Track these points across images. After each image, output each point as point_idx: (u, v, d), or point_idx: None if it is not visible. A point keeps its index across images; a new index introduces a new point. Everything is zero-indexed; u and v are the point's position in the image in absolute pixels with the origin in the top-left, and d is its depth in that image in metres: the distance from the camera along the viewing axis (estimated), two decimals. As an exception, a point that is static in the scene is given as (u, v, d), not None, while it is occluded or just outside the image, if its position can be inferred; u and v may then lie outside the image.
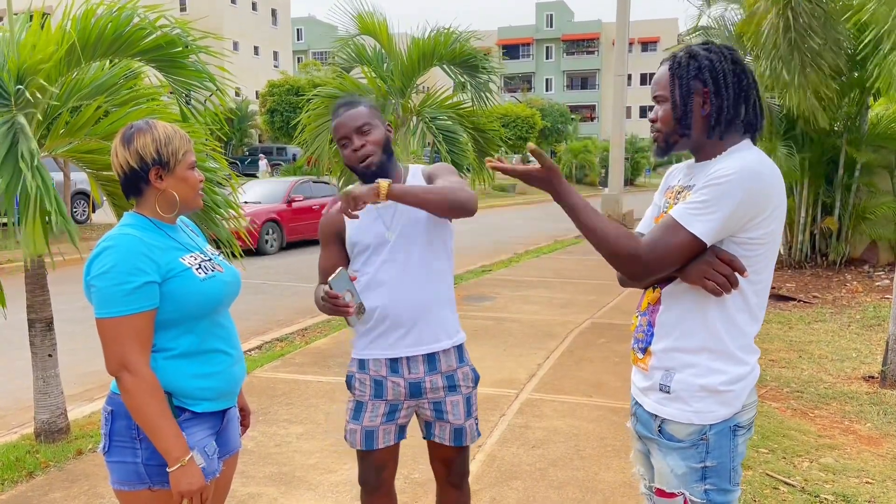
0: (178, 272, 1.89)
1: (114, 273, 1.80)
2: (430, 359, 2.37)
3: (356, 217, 2.18)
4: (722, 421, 1.79)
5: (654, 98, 1.87)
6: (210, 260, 2.02)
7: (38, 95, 3.69)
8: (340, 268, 2.22)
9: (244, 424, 2.27)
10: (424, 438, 2.49)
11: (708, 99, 1.79)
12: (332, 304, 2.17)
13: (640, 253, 1.72)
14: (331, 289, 2.16)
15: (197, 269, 1.93)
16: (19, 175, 3.43)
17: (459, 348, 2.45)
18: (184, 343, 1.92)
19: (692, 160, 1.93)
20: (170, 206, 1.96)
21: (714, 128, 1.80)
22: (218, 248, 4.33)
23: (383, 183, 2.13)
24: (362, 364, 2.41)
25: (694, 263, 1.74)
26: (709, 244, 1.72)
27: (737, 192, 1.68)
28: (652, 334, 1.86)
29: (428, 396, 2.38)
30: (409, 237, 2.34)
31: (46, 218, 3.50)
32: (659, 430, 1.84)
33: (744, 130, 1.83)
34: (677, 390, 1.80)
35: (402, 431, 2.45)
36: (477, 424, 2.49)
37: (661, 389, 1.83)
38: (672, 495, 1.82)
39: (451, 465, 2.49)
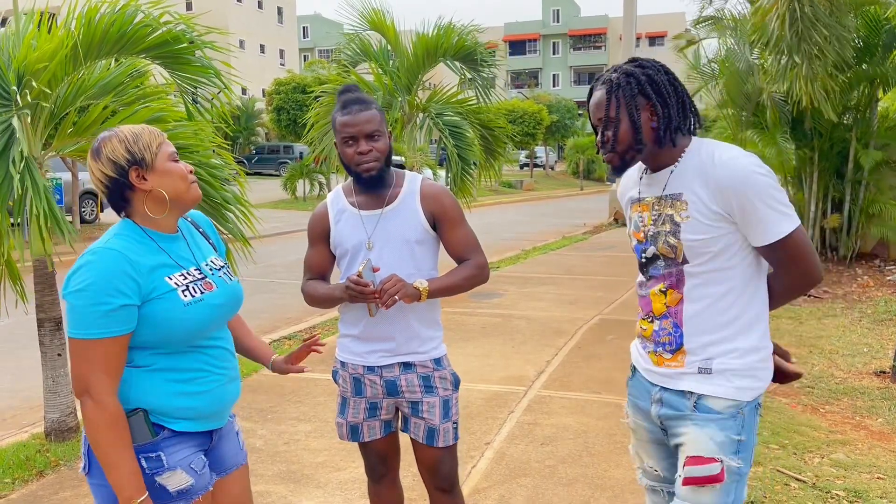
0: (161, 294, 1.75)
1: (90, 292, 1.67)
2: (406, 365, 2.38)
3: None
4: (755, 397, 1.88)
5: (598, 121, 1.92)
6: (204, 278, 1.87)
7: (29, 97, 3.69)
8: (368, 258, 2.26)
9: None
10: (402, 431, 2.50)
11: (654, 111, 1.86)
12: (360, 292, 2.20)
13: (820, 269, 1.87)
14: (360, 277, 2.20)
15: (183, 292, 1.78)
16: (11, 178, 3.43)
17: (437, 360, 2.42)
18: (165, 361, 1.79)
19: (641, 166, 2.01)
20: (160, 207, 1.82)
21: (664, 136, 1.87)
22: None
23: (423, 290, 2.26)
24: (343, 363, 2.45)
25: None
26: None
27: (766, 177, 1.80)
28: (681, 334, 1.89)
29: (405, 396, 2.38)
30: (390, 250, 2.32)
31: (45, 220, 3.49)
32: (695, 406, 1.88)
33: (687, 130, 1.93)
34: (719, 370, 1.86)
35: (388, 426, 2.48)
36: (455, 428, 2.43)
37: (700, 372, 1.88)
38: (711, 460, 1.83)
39: (433, 467, 2.44)
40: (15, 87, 3.71)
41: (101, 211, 16.19)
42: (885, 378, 5.19)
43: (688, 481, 1.85)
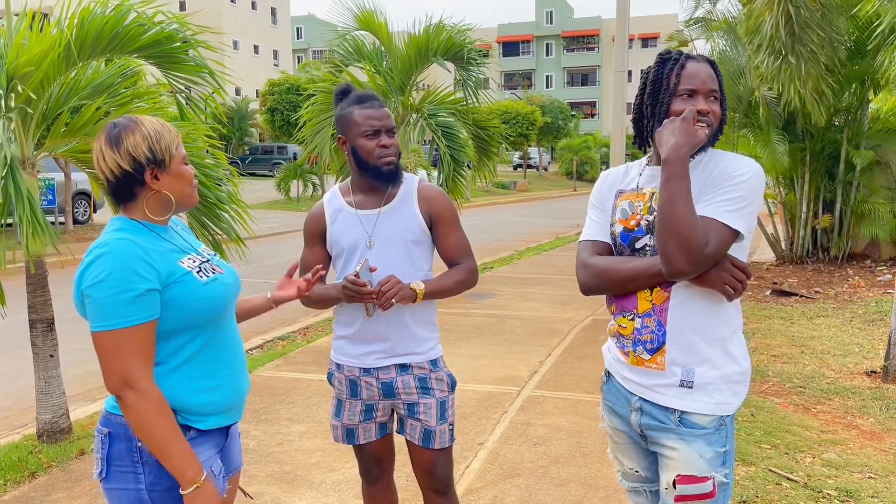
0: (179, 277, 1.73)
1: (111, 281, 1.63)
2: (402, 366, 2.38)
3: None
4: (733, 412, 1.89)
5: (710, 92, 1.85)
6: (208, 261, 1.87)
7: (13, 101, 3.67)
8: (365, 258, 2.26)
9: None
10: (398, 433, 2.50)
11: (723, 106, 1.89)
12: (357, 292, 2.22)
13: (703, 249, 1.71)
14: (358, 277, 2.20)
15: (198, 273, 1.78)
16: None
17: (434, 361, 2.42)
18: (186, 354, 1.77)
19: (641, 161, 2.00)
20: (164, 208, 1.79)
21: (718, 131, 1.89)
22: (215, 249, 4.32)
23: (419, 291, 2.29)
24: (339, 365, 2.45)
25: (714, 269, 1.78)
26: (746, 238, 1.80)
27: (760, 188, 1.79)
28: (664, 333, 1.86)
29: (401, 397, 2.38)
30: (388, 249, 2.33)
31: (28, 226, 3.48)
32: (679, 421, 1.86)
33: None
34: (700, 384, 1.84)
35: (383, 428, 2.49)
36: (451, 430, 2.44)
37: (681, 385, 1.86)
38: (703, 479, 1.84)
39: (429, 469, 2.44)
40: (2, 91, 3.69)
41: (94, 212, 16.13)
42: (876, 378, 5.22)
43: (679, 499, 1.86)
